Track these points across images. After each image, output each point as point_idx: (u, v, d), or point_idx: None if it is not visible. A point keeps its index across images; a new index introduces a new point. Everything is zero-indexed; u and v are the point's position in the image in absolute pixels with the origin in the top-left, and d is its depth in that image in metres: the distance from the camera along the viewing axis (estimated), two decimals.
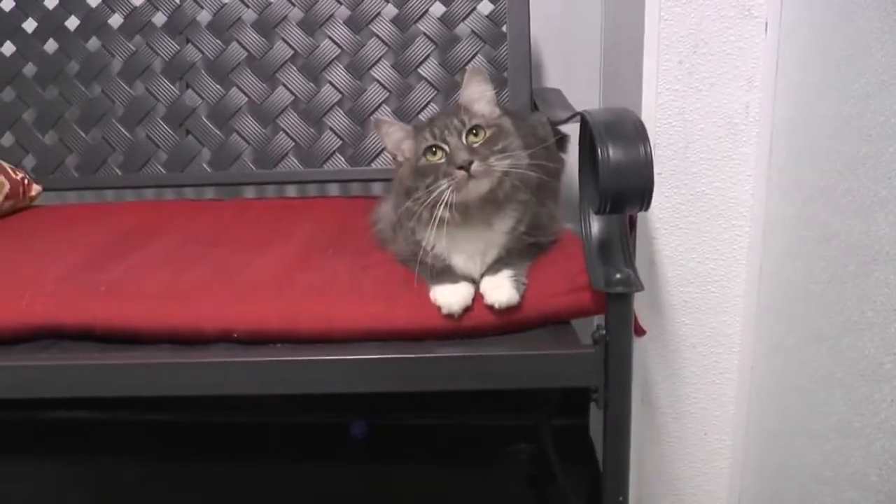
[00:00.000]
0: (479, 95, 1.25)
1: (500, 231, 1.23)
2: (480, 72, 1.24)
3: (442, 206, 1.17)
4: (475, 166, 1.16)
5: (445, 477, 1.99)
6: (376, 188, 2.09)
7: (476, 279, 1.22)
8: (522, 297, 1.19)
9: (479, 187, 1.18)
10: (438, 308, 1.17)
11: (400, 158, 1.28)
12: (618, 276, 1.13)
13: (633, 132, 1.07)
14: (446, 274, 1.22)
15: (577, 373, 1.15)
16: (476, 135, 1.20)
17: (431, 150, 1.20)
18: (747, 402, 1.55)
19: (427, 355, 1.15)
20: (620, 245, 1.20)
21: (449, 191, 1.16)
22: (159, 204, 1.93)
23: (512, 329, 1.20)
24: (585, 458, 1.86)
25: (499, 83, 1.87)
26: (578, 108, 1.66)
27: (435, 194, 1.17)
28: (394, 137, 1.27)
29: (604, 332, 1.13)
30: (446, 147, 1.19)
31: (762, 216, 1.45)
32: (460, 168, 1.16)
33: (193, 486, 2.00)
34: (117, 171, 1.93)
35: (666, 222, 1.48)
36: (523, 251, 1.24)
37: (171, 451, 2.16)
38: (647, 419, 1.59)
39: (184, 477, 2.04)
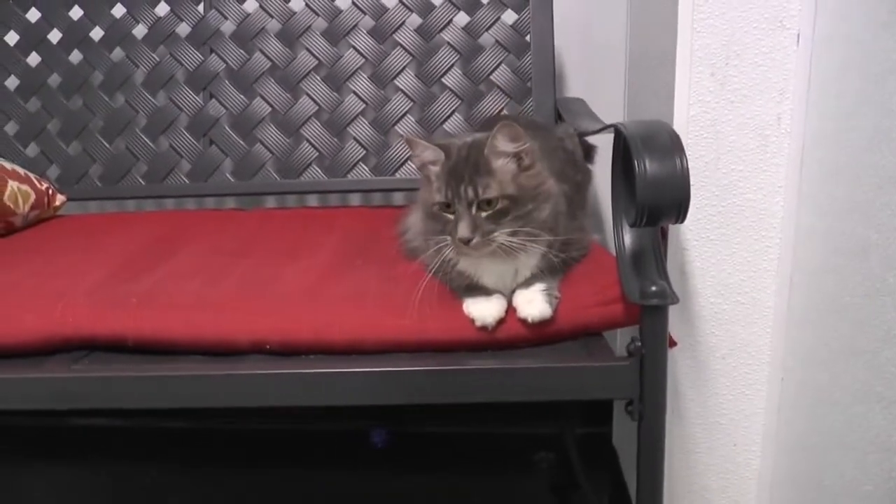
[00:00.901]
0: (503, 157, 1.20)
1: (526, 263, 1.24)
2: (510, 127, 1.19)
3: (449, 250, 1.20)
4: (475, 242, 1.16)
5: (466, 485, 1.98)
6: (398, 198, 2.11)
7: (507, 294, 1.24)
8: (555, 310, 1.20)
9: (480, 254, 1.19)
10: (472, 320, 1.18)
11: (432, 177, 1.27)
12: (653, 288, 1.14)
13: (669, 144, 1.08)
14: (478, 288, 1.23)
15: (613, 385, 1.16)
16: (489, 204, 1.18)
17: (443, 204, 1.21)
18: (777, 414, 1.55)
19: (461, 367, 1.16)
20: (654, 257, 1.21)
21: (450, 249, 1.20)
22: (182, 214, 1.95)
23: (545, 341, 1.21)
24: (609, 467, 1.86)
25: (522, 93, 1.89)
26: (603, 117, 1.68)
27: (441, 245, 1.20)
28: (424, 158, 1.26)
29: (639, 344, 1.14)
30: (453, 211, 1.20)
31: (792, 228, 1.46)
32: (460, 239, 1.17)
33: (213, 494, 2.00)
34: (140, 180, 1.95)
35: (697, 234, 1.49)
36: (555, 266, 1.25)
37: (190, 457, 2.17)
38: (677, 430, 1.59)
39: (203, 484, 2.04)
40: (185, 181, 1.94)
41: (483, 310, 1.18)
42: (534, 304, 1.19)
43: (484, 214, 1.18)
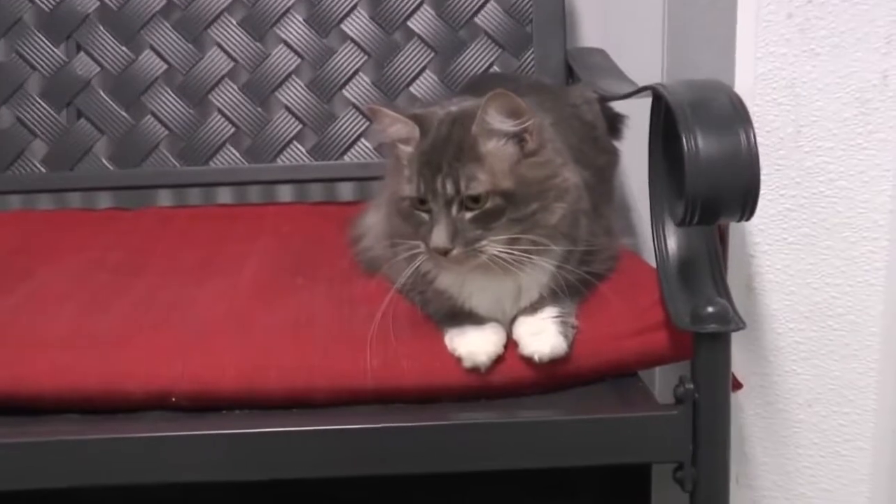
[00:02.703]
0: (496, 138, 1.24)
1: (533, 281, 1.28)
2: (505, 98, 1.21)
3: (424, 259, 1.25)
4: (455, 253, 1.21)
5: None
6: (347, 191, 2.16)
7: (507, 322, 1.29)
8: (572, 344, 1.25)
9: (464, 269, 1.24)
10: (458, 359, 1.24)
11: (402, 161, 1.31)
12: (709, 309, 1.19)
13: (730, 114, 1.14)
14: (466, 314, 1.29)
15: (655, 443, 1.21)
16: (476, 202, 1.22)
17: (415, 199, 1.25)
18: (889, 481, 1.60)
19: (443, 423, 1.21)
20: (710, 267, 1.27)
21: (424, 259, 1.25)
22: (38, 215, 1.99)
23: (559, 385, 1.27)
24: None
25: (520, 42, 1.95)
26: (633, 77, 1.73)
27: (413, 252, 1.26)
28: (392, 134, 1.30)
29: (690, 386, 1.19)
30: (428, 209, 1.24)
31: None
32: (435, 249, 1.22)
33: None
34: None
35: (769, 235, 1.55)
36: (572, 284, 1.29)
37: None
38: None
39: None
40: (41, 169, 1.96)
41: (473, 344, 1.24)
42: (543, 336, 1.24)
43: (469, 216, 1.22)
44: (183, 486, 1.23)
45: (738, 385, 1.36)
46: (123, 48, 1.97)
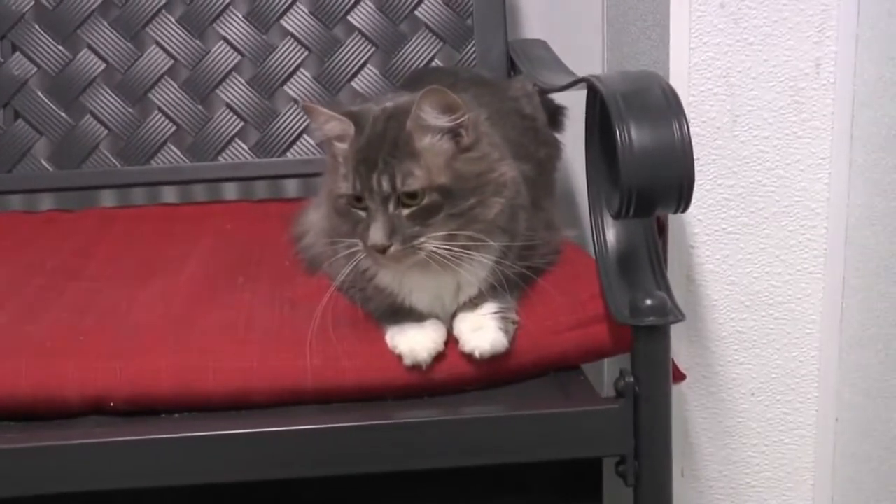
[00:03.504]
0: (431, 133, 1.24)
1: (472, 277, 1.28)
2: (439, 94, 1.22)
3: (363, 257, 1.25)
4: (393, 250, 1.21)
5: None
6: (291, 188, 2.16)
7: (447, 318, 1.29)
8: (513, 339, 1.26)
9: (402, 266, 1.24)
10: (399, 357, 1.23)
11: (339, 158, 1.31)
12: (648, 301, 1.19)
13: (663, 104, 1.14)
14: (406, 311, 1.29)
15: (596, 437, 1.21)
16: (412, 198, 1.22)
17: (352, 196, 1.25)
18: (831, 469, 1.62)
19: (386, 422, 1.21)
20: (649, 259, 1.27)
21: (363, 258, 1.25)
22: None
23: (501, 380, 1.27)
24: None
25: (460, 35, 1.95)
26: (574, 68, 1.74)
27: (352, 249, 1.25)
28: (328, 132, 1.30)
29: (631, 379, 1.20)
30: (365, 207, 1.24)
31: (843, 213, 1.54)
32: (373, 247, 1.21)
33: None
34: None
35: (708, 225, 1.56)
36: (511, 279, 1.30)
37: None
38: (690, 497, 1.66)
39: None
40: None
41: (414, 342, 1.24)
42: (483, 333, 1.24)
43: (406, 212, 1.22)
44: (132, 492, 1.22)
45: (680, 376, 1.37)
46: (60, 47, 1.95)
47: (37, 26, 1.95)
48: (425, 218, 1.21)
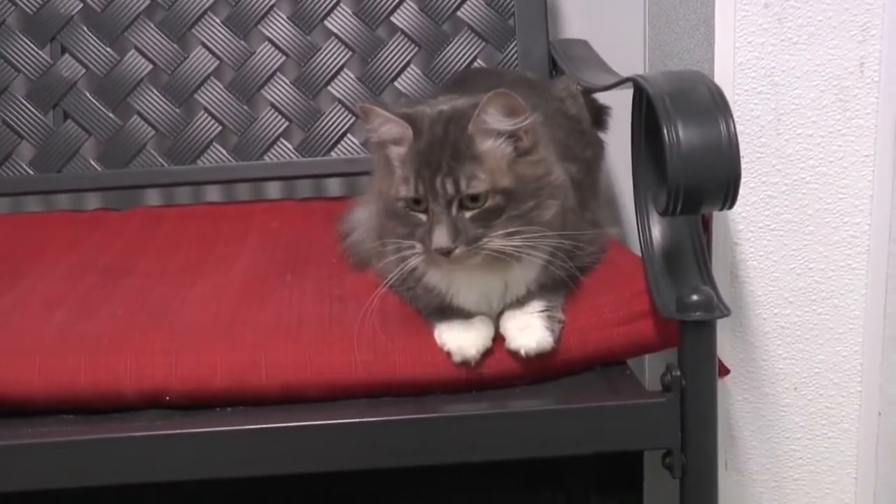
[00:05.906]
0: (493, 137, 1.25)
1: (520, 276, 1.30)
2: (506, 97, 1.23)
3: (415, 259, 1.26)
4: (458, 252, 1.21)
5: None
6: (334, 186, 2.17)
7: (494, 315, 1.31)
8: (558, 338, 1.27)
9: (463, 267, 1.25)
10: (448, 353, 1.25)
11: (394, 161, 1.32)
12: (694, 297, 1.21)
13: (710, 104, 1.16)
14: (454, 309, 1.30)
15: (643, 430, 1.23)
16: (475, 200, 1.23)
17: (411, 200, 1.26)
18: (874, 464, 1.63)
19: (435, 415, 1.23)
20: (694, 256, 1.29)
21: (420, 260, 1.26)
22: (25, 218, 2.01)
23: (548, 375, 1.29)
24: None
25: (502, 35, 1.97)
26: (615, 68, 1.75)
27: (405, 252, 1.26)
28: (384, 135, 1.30)
29: (677, 373, 1.21)
30: (426, 210, 1.25)
31: (887, 209, 1.55)
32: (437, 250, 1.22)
33: None
34: None
35: (752, 222, 1.57)
36: (559, 278, 1.31)
37: None
38: (734, 490, 1.67)
39: None
40: (28, 171, 1.97)
41: (462, 339, 1.25)
42: (529, 331, 1.26)
43: (468, 215, 1.23)
44: (182, 485, 1.25)
45: (724, 371, 1.38)
46: (108, 49, 1.98)
47: (85, 28, 1.98)
48: (487, 220, 1.23)
